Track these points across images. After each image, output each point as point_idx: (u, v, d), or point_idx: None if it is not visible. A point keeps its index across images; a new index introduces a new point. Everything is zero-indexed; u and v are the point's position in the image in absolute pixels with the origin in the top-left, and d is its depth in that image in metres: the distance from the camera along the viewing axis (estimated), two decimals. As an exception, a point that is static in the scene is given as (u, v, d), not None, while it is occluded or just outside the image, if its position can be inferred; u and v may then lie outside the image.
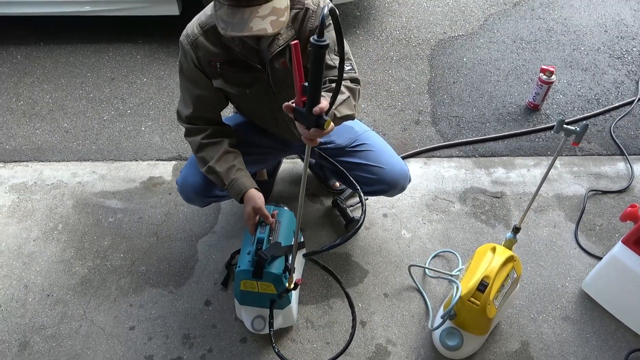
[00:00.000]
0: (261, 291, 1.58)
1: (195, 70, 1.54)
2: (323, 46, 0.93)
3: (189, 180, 1.71)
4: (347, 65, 1.54)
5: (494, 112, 2.65)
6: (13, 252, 2.05)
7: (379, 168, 1.72)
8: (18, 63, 3.12)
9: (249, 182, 1.59)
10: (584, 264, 1.94)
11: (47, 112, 2.77)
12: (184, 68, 1.56)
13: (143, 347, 1.75)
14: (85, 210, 2.21)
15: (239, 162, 1.62)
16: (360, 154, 1.76)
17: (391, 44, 3.16)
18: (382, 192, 1.77)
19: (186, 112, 1.62)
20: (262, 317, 1.66)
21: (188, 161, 1.78)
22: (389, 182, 1.71)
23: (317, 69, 0.97)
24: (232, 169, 1.58)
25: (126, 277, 1.96)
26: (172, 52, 3.16)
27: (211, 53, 1.50)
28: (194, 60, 1.52)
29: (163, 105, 2.78)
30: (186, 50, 1.52)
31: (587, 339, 1.73)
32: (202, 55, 1.51)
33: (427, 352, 1.71)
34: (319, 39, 0.92)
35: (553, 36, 3.16)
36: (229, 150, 1.62)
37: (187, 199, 1.77)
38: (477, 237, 2.04)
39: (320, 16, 0.89)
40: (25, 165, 2.45)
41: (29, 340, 1.78)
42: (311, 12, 1.49)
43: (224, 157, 1.60)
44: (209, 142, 1.61)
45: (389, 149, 1.79)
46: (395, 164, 1.74)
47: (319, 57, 0.95)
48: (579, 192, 2.21)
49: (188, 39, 1.50)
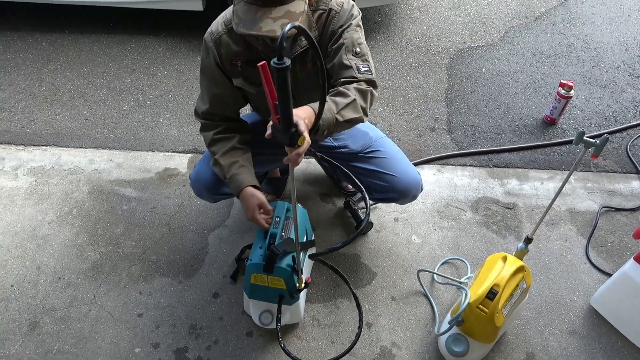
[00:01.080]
0: (271, 286, 1.59)
1: (216, 68, 1.55)
2: (282, 69, 0.93)
3: (201, 175, 1.73)
4: (364, 67, 1.51)
5: (510, 124, 2.65)
6: (28, 233, 2.09)
7: (392, 176, 1.71)
8: (43, 50, 3.18)
9: (249, 179, 1.59)
10: (594, 280, 1.93)
11: (68, 98, 2.82)
12: (205, 65, 1.58)
13: (150, 335, 1.77)
14: (100, 196, 2.25)
15: (244, 159, 1.63)
16: (374, 161, 1.75)
17: (410, 50, 3.17)
18: (393, 200, 1.77)
19: (203, 108, 1.64)
20: (270, 312, 1.67)
21: (202, 157, 1.81)
22: (401, 190, 1.71)
23: (281, 90, 0.98)
24: (235, 164, 1.59)
25: (137, 264, 1.98)
26: (193, 47, 3.20)
27: (233, 52, 1.51)
28: (215, 58, 1.53)
29: (182, 99, 2.82)
30: (209, 48, 1.53)
31: (593, 355, 1.72)
32: (224, 53, 1.52)
33: (431, 357, 1.71)
34: (278, 62, 0.92)
35: (573, 52, 3.15)
36: (237, 146, 1.63)
37: (198, 193, 1.79)
38: (487, 246, 2.04)
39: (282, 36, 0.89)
40: (44, 149, 2.49)
41: (39, 320, 1.81)
42: (334, 13, 1.49)
43: (231, 152, 1.61)
44: (220, 137, 1.63)
45: (403, 156, 1.78)
46: (408, 173, 1.73)
47: (281, 79, 0.96)
48: (591, 208, 2.20)
49: (212, 36, 1.52)
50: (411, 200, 1.79)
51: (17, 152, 2.48)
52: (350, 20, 1.51)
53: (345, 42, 1.48)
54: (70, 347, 1.74)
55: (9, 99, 2.82)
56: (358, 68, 1.48)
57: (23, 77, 2.96)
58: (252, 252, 1.60)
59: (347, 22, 1.50)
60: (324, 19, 1.50)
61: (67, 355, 1.72)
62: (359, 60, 1.49)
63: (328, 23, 1.50)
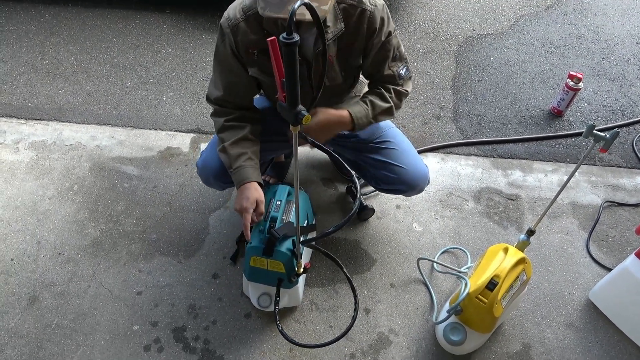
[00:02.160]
0: (270, 269, 1.59)
1: (231, 55, 1.51)
2: (290, 44, 0.93)
3: (208, 163, 1.70)
4: (403, 69, 1.61)
5: (516, 114, 2.62)
6: (28, 207, 2.08)
7: (401, 168, 1.69)
8: (46, 22, 3.13)
9: (255, 175, 1.56)
10: (593, 274, 1.93)
11: (71, 73, 2.79)
12: (220, 51, 1.53)
13: (149, 313, 1.78)
14: (101, 173, 2.23)
15: (253, 151, 1.60)
16: (384, 152, 1.73)
17: (418, 36, 3.13)
18: (400, 191, 1.76)
19: (216, 94, 1.60)
20: (269, 295, 1.68)
21: (209, 144, 1.77)
22: (409, 183, 1.70)
23: (289, 66, 0.98)
24: (243, 156, 1.56)
25: (137, 243, 1.98)
26: (198, 25, 3.15)
27: (250, 40, 1.47)
28: (231, 45, 1.49)
29: (186, 77, 2.79)
30: (225, 34, 1.48)
31: (589, 348, 1.73)
32: (240, 41, 1.47)
33: (428, 345, 1.72)
34: (287, 37, 0.93)
35: (583, 43, 3.11)
36: (248, 137, 1.59)
37: (205, 181, 1.76)
38: (488, 236, 2.04)
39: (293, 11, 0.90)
40: (46, 124, 2.48)
41: (38, 295, 1.82)
42: (368, 14, 1.45)
43: (240, 142, 1.58)
44: (231, 125, 1.59)
45: (412, 149, 1.77)
46: (417, 166, 1.72)
47: (289, 55, 0.96)
48: (594, 202, 2.19)
49: (229, 22, 1.46)
50: (417, 193, 1.78)
51: (18, 125, 2.46)
52: (388, 28, 1.52)
53: (388, 54, 1.56)
54: (69, 322, 1.75)
55: (11, 71, 2.79)
56: (399, 74, 1.60)
57: (25, 50, 2.93)
58: (252, 235, 1.59)
59: (386, 30, 1.51)
60: (354, 14, 1.45)
61: (66, 330, 1.73)
62: (398, 64, 1.60)
63: (360, 21, 1.46)
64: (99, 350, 1.68)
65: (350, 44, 1.51)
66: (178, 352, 1.68)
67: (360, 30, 1.48)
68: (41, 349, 1.68)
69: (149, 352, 1.68)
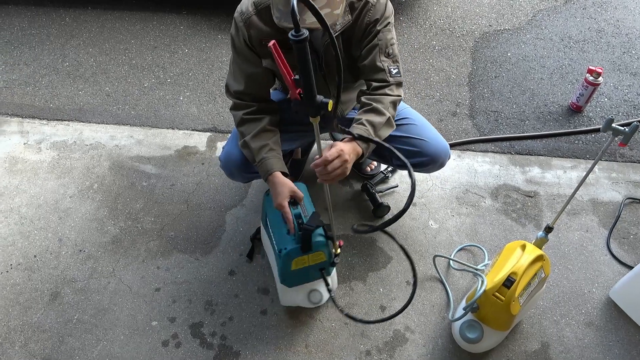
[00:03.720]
0: (311, 264, 1.60)
1: (247, 48, 1.55)
2: (300, 41, 0.95)
3: (231, 156, 1.72)
4: (394, 69, 1.59)
5: (534, 110, 2.59)
6: (50, 206, 2.13)
7: (421, 141, 1.70)
8: (66, 25, 3.20)
9: (279, 164, 1.58)
10: (614, 272, 1.90)
11: (91, 74, 2.84)
12: (236, 44, 1.57)
13: (167, 309, 1.80)
14: (120, 172, 2.27)
15: (273, 141, 1.62)
16: (402, 127, 1.73)
17: (434, 33, 3.11)
18: (422, 165, 1.74)
19: (235, 87, 1.62)
20: (316, 290, 1.69)
21: (230, 137, 1.79)
22: (431, 154, 1.69)
23: (302, 62, 1.00)
24: (265, 148, 1.58)
25: (155, 240, 2.01)
26: (214, 25, 3.18)
27: (263, 33, 1.50)
28: (245, 38, 1.52)
29: (202, 77, 2.82)
30: (239, 27, 1.52)
31: (610, 347, 1.70)
32: (254, 34, 1.51)
33: (444, 342, 1.71)
34: (296, 35, 0.94)
35: (603, 37, 3.05)
36: (267, 128, 1.62)
37: (229, 174, 1.78)
38: (505, 234, 2.02)
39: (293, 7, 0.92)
40: (67, 124, 2.53)
41: (60, 291, 1.86)
42: (370, 6, 1.50)
43: (260, 135, 1.60)
44: (250, 118, 1.62)
45: (430, 124, 1.78)
46: (438, 138, 1.73)
47: (300, 51, 0.98)
48: (615, 199, 2.15)
49: (242, 17, 1.50)
50: (439, 168, 1.78)
51: (40, 126, 2.52)
52: (387, 20, 1.55)
53: (379, 43, 1.55)
54: (90, 318, 1.78)
55: (34, 73, 2.85)
56: (390, 71, 1.58)
57: (47, 53, 2.99)
58: (279, 242, 1.58)
59: (383, 20, 1.53)
60: (358, 8, 1.51)
61: (87, 325, 1.76)
62: (390, 62, 1.58)
63: (364, 13, 1.51)
64: (119, 345, 1.71)
65: (352, 35, 1.55)
66: (195, 348, 1.70)
67: (362, 21, 1.52)
68: (63, 343, 1.72)
69: (167, 347, 1.71)
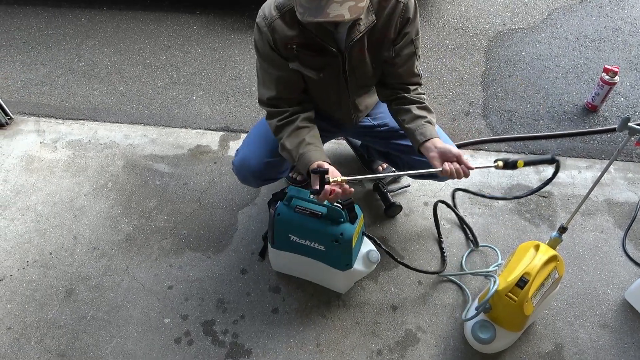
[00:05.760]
0: (358, 231, 1.63)
1: (272, 51, 1.51)
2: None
3: (247, 161, 1.70)
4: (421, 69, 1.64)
5: (548, 110, 2.56)
6: (65, 204, 2.16)
7: None
8: (82, 25, 3.24)
9: (318, 155, 1.50)
10: (629, 273, 1.87)
11: (106, 74, 2.88)
12: (261, 49, 1.53)
13: (179, 307, 1.82)
14: (134, 171, 2.30)
15: (310, 136, 1.55)
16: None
17: (447, 32, 3.09)
18: (434, 176, 1.74)
19: (268, 94, 1.58)
20: (369, 250, 1.71)
21: (244, 141, 1.77)
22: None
23: None
24: (302, 144, 1.52)
25: (168, 238, 2.03)
26: (227, 25, 3.20)
27: (288, 36, 1.47)
28: (269, 42, 1.49)
29: (215, 77, 2.83)
30: (263, 32, 1.48)
31: (625, 349, 1.67)
32: (278, 38, 1.47)
33: (456, 342, 1.70)
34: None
35: (620, 36, 3.01)
36: (301, 125, 1.56)
37: (243, 179, 1.76)
38: (519, 234, 2.00)
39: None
40: (82, 123, 2.56)
41: (75, 288, 1.88)
42: (402, 6, 1.47)
43: (296, 132, 1.54)
44: (284, 123, 1.57)
45: (442, 132, 1.75)
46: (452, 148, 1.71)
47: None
48: (631, 199, 2.12)
49: (265, 21, 1.46)
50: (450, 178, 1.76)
51: (56, 125, 2.55)
52: (417, 26, 1.55)
53: (416, 50, 1.58)
54: (104, 315, 1.80)
55: (50, 73, 2.90)
56: (420, 74, 1.64)
57: (63, 53, 3.04)
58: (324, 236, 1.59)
59: (416, 25, 1.54)
60: (389, 7, 1.47)
61: (100, 322, 1.78)
62: (418, 65, 1.63)
63: (393, 13, 1.48)
64: (132, 342, 1.73)
65: (382, 35, 1.51)
66: (207, 346, 1.72)
67: (393, 21, 1.49)
68: (77, 339, 1.74)
69: (179, 344, 1.72)
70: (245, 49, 3.02)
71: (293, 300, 1.83)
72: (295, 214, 1.61)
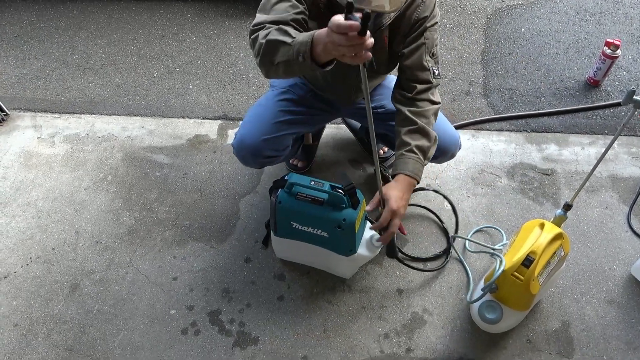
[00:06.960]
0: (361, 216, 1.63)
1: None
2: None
3: (245, 141, 1.67)
4: (437, 70, 1.57)
5: (550, 86, 2.53)
6: (66, 199, 2.15)
7: None
8: (74, 17, 3.19)
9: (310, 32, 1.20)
10: (635, 248, 1.86)
11: (100, 66, 2.84)
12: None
13: (185, 298, 1.82)
14: (133, 163, 2.28)
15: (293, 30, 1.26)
16: None
17: (445, 10, 3.04)
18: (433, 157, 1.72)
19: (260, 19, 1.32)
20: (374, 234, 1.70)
21: (242, 124, 1.75)
22: (441, 148, 1.66)
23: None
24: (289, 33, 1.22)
25: (171, 229, 2.02)
26: (221, 12, 3.15)
27: None
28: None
29: (211, 65, 2.80)
30: None
31: (632, 324, 1.67)
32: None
33: (463, 323, 1.70)
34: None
35: (621, 8, 2.96)
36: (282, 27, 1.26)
37: (242, 159, 1.74)
38: (523, 213, 1.99)
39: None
40: (79, 117, 2.54)
41: (79, 282, 1.88)
42: (421, 1, 1.46)
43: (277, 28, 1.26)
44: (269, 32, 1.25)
45: (441, 115, 1.74)
46: (447, 130, 1.70)
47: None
48: (635, 174, 2.10)
49: None
50: (449, 159, 1.78)
51: (53, 120, 2.53)
52: (434, 18, 1.51)
53: (426, 42, 1.51)
54: (110, 308, 1.80)
55: (44, 67, 2.86)
56: (433, 72, 1.55)
57: (56, 46, 3.00)
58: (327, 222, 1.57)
59: (431, 17, 1.50)
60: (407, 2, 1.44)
61: (107, 315, 1.78)
62: (433, 63, 1.55)
63: (412, 8, 1.46)
64: (139, 334, 1.73)
65: (397, 28, 1.50)
66: (214, 335, 1.72)
67: (411, 16, 1.47)
68: (84, 333, 1.74)
69: (186, 335, 1.72)
70: (241, 35, 2.98)
71: (298, 287, 1.82)
72: (296, 201, 1.59)
